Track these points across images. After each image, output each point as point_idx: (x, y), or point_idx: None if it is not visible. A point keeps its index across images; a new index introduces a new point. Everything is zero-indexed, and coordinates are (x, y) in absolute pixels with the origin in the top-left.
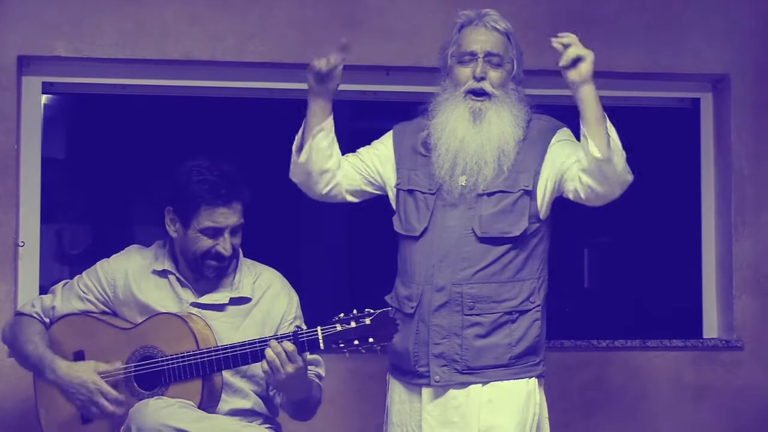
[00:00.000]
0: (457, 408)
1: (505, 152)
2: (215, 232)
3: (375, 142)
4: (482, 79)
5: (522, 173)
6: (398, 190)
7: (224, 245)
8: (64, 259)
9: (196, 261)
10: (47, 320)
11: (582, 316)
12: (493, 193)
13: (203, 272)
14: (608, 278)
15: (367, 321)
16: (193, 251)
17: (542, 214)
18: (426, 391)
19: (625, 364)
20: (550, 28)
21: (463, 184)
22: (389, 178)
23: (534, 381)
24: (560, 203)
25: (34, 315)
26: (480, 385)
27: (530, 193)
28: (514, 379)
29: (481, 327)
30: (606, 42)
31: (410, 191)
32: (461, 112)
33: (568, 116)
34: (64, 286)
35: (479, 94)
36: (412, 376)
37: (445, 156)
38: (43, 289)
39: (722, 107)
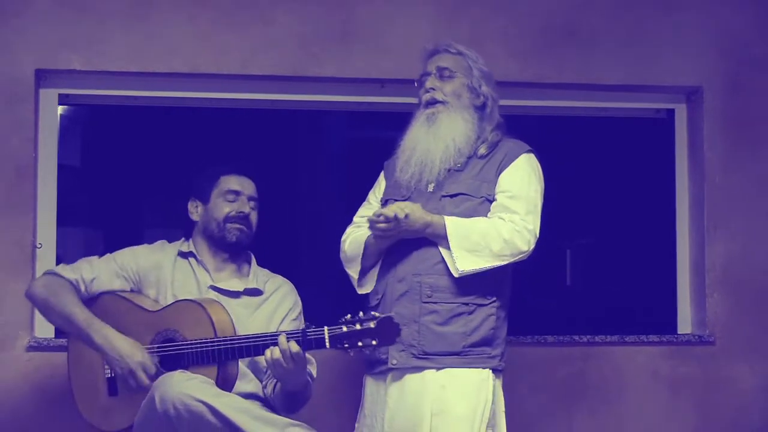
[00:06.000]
0: (413, 392)
1: (452, 148)
2: (235, 195)
3: (374, 187)
4: (432, 89)
5: (485, 182)
6: (381, 204)
7: (243, 207)
8: (78, 259)
9: (220, 227)
10: (85, 293)
11: (564, 312)
12: (455, 195)
13: (227, 238)
14: (589, 277)
15: (372, 324)
16: (216, 219)
17: None
18: (389, 377)
19: (604, 359)
20: (534, 42)
21: (430, 190)
22: None
23: (487, 372)
24: (545, 208)
25: (73, 282)
26: (434, 370)
27: (492, 202)
28: (467, 367)
29: (438, 315)
30: (586, 56)
31: (385, 201)
32: (421, 121)
33: (551, 125)
34: (99, 258)
35: (432, 103)
36: (377, 364)
37: (402, 157)
38: None
39: (696, 118)
